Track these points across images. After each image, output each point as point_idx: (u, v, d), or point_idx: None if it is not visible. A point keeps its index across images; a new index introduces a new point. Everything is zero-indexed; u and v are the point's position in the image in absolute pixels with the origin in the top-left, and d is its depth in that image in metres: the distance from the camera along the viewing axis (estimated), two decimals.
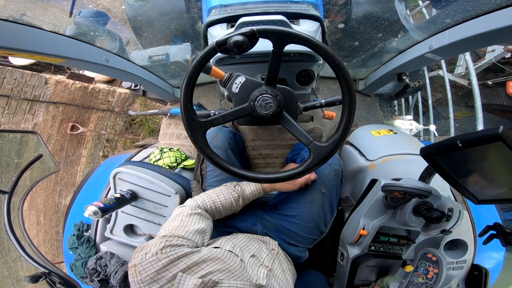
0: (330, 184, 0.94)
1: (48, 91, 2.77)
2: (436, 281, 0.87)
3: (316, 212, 0.92)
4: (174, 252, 0.59)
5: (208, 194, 0.85)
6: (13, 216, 0.96)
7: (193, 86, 0.71)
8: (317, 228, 0.94)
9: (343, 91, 0.71)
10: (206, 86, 1.95)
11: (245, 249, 0.76)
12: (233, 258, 0.66)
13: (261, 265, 0.72)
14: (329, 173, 0.94)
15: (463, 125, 3.31)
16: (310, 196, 0.93)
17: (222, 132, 1.06)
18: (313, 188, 0.93)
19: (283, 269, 0.78)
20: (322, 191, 0.93)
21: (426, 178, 0.82)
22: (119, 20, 1.51)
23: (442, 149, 0.60)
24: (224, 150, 1.02)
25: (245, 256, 0.71)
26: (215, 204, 0.83)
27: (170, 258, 0.57)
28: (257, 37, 0.67)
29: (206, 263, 0.61)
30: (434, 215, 0.72)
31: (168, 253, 0.58)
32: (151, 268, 0.56)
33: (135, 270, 0.57)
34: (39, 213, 3.03)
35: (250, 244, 0.80)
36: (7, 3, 1.08)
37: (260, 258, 0.76)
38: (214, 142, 1.02)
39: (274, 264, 0.77)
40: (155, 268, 0.56)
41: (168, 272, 0.56)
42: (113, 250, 1.02)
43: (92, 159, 3.44)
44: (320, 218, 0.93)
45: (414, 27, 1.34)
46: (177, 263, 0.57)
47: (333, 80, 1.90)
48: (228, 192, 0.86)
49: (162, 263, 0.56)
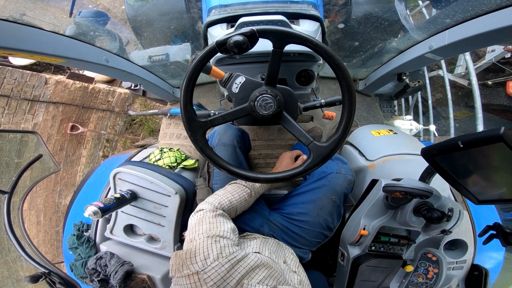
0: (341, 193, 0.94)
1: (48, 91, 2.77)
2: (436, 281, 0.87)
3: (324, 218, 0.93)
4: (233, 256, 0.57)
5: (223, 194, 0.83)
6: (13, 216, 0.96)
7: (193, 86, 0.71)
8: (322, 233, 0.94)
9: (343, 91, 0.71)
10: (206, 86, 1.95)
11: (278, 254, 0.76)
12: (273, 264, 0.66)
13: (291, 271, 0.74)
14: (342, 183, 0.94)
15: (463, 125, 3.31)
16: (320, 203, 0.93)
17: (231, 129, 1.05)
18: (325, 195, 0.93)
19: (305, 273, 0.80)
20: (333, 199, 0.93)
21: (427, 178, 0.82)
22: (119, 20, 1.51)
23: (443, 150, 0.60)
24: (233, 147, 1.01)
25: (279, 261, 0.72)
26: (231, 204, 0.82)
27: (231, 262, 0.56)
28: (257, 37, 0.67)
29: (259, 268, 0.60)
30: (434, 215, 0.72)
31: (228, 257, 0.56)
32: (216, 274, 0.53)
33: (198, 278, 0.53)
34: (39, 213, 3.03)
35: (280, 250, 0.81)
36: (7, 3, 1.08)
37: (290, 264, 0.77)
38: (223, 139, 1.01)
39: (299, 269, 0.78)
40: (220, 275, 0.53)
41: (232, 278, 0.54)
42: (113, 250, 1.02)
43: (92, 159, 3.44)
44: (327, 224, 0.94)
45: (414, 27, 1.33)
46: (237, 268, 0.56)
47: (333, 80, 1.90)
48: (240, 189, 0.85)
49: (225, 267, 0.54)
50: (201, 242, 0.60)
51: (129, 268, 0.93)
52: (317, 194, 0.94)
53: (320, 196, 0.93)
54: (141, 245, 1.03)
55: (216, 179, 1.00)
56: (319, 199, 0.93)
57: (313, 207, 0.93)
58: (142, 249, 1.05)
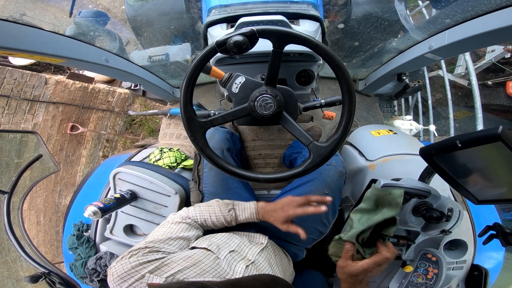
0: (333, 186, 0.93)
1: (48, 91, 2.77)
2: (436, 281, 0.87)
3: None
4: (145, 257, 0.61)
5: (201, 210, 0.83)
6: (13, 216, 0.96)
7: (193, 86, 0.71)
8: (316, 228, 0.93)
9: (343, 91, 0.71)
10: (206, 86, 1.95)
11: (223, 245, 0.74)
12: (206, 256, 0.66)
13: (242, 259, 0.71)
14: (333, 175, 0.94)
15: (463, 125, 3.31)
16: None
17: (218, 133, 1.05)
18: (316, 188, 0.93)
19: (270, 263, 0.77)
20: (325, 192, 0.92)
21: (426, 178, 0.82)
22: (119, 20, 1.51)
23: (442, 149, 0.60)
24: (220, 151, 1.01)
25: (222, 252, 0.70)
26: (206, 222, 0.83)
27: (140, 261, 0.60)
28: (257, 37, 0.67)
29: (176, 263, 0.61)
30: (433, 215, 0.72)
31: (139, 257, 0.61)
32: (120, 269, 0.59)
33: (109, 271, 0.61)
34: (39, 213, 3.03)
35: (230, 240, 0.78)
36: (7, 3, 1.08)
37: (242, 253, 0.74)
38: (210, 143, 1.00)
39: (260, 257, 0.75)
40: (124, 269, 0.59)
41: (136, 273, 0.58)
42: (113, 250, 1.02)
43: (92, 159, 3.44)
44: (320, 218, 0.93)
45: (414, 27, 1.34)
46: (146, 265, 0.59)
47: (333, 80, 1.90)
48: (221, 214, 0.84)
49: (132, 265, 0.59)
50: (135, 246, 0.66)
51: None
52: (309, 187, 0.93)
53: (312, 189, 0.92)
54: None
55: (206, 182, 0.98)
56: (311, 192, 0.92)
57: None
58: None
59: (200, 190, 0.99)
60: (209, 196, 0.96)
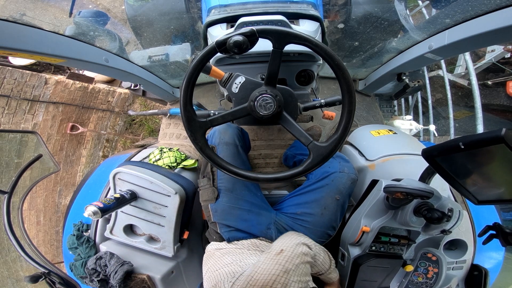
0: (345, 192, 0.94)
1: (48, 91, 2.77)
2: (436, 280, 0.87)
3: (328, 218, 0.93)
4: None
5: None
6: (13, 216, 0.96)
7: (193, 86, 0.71)
8: (327, 232, 0.94)
9: (343, 91, 0.71)
10: (206, 86, 1.95)
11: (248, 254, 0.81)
12: None
13: None
14: (346, 182, 0.94)
15: (463, 125, 3.30)
16: (324, 202, 0.93)
17: (231, 128, 1.04)
18: (328, 195, 0.93)
19: None
20: (337, 198, 0.93)
21: (427, 179, 0.82)
22: (119, 20, 1.51)
23: (444, 151, 0.60)
24: (235, 146, 1.00)
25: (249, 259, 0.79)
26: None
27: None
28: (257, 37, 0.67)
29: None
30: (435, 216, 0.72)
31: None
32: None
33: None
34: (39, 213, 3.03)
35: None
36: (7, 3, 1.08)
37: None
38: (225, 138, 1.00)
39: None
40: None
41: None
42: (113, 250, 1.02)
43: (92, 159, 3.44)
44: (331, 223, 0.94)
45: (414, 27, 1.33)
46: None
47: (333, 80, 1.89)
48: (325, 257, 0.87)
49: None
50: None
51: (129, 268, 0.93)
52: (321, 193, 0.94)
53: (324, 196, 0.93)
54: (141, 245, 1.03)
55: (221, 178, 0.97)
56: (322, 198, 0.93)
57: (317, 207, 0.93)
58: (142, 249, 1.05)
59: (215, 186, 0.97)
60: (226, 192, 0.94)
